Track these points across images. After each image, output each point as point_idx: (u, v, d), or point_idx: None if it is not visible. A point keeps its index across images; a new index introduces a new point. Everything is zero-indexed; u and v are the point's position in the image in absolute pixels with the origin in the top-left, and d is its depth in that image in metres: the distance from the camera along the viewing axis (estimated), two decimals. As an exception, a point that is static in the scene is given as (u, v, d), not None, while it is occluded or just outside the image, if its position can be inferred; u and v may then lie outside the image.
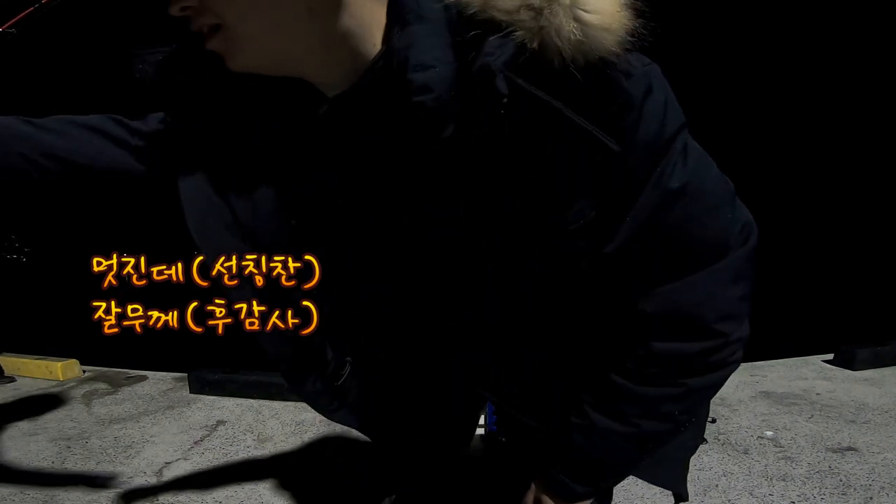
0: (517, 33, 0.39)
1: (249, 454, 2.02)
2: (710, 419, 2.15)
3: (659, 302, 0.50)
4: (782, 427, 2.09)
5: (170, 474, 1.87)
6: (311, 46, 0.45)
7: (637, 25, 0.40)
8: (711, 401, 2.09)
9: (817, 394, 2.44)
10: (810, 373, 2.75)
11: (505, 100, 0.40)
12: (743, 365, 2.57)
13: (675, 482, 0.72)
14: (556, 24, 0.38)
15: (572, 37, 0.38)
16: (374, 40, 0.45)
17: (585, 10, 0.38)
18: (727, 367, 0.55)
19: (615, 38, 0.39)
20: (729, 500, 1.60)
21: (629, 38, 0.41)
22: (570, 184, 0.47)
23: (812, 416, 2.19)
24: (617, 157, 0.45)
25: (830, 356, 2.91)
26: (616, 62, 0.42)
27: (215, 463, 1.95)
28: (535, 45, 0.39)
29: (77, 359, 3.16)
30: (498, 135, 0.44)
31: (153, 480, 1.82)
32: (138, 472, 1.89)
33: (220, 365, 2.87)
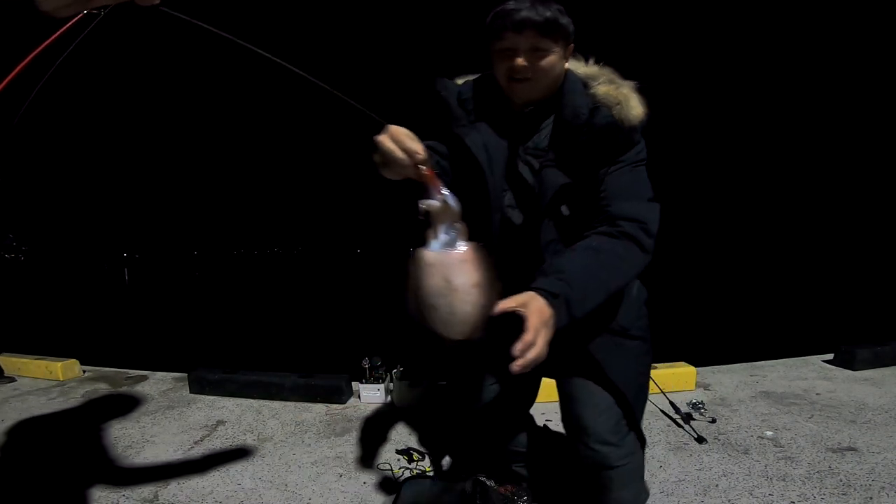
0: (611, 111, 1.03)
1: (249, 454, 2.02)
2: (710, 419, 2.16)
3: (617, 207, 1.02)
4: (782, 427, 2.09)
5: (170, 474, 1.87)
6: (550, 91, 1.08)
7: (646, 116, 1.05)
8: (711, 401, 2.17)
9: (817, 394, 2.44)
10: (810, 373, 2.75)
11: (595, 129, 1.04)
12: (743, 365, 2.60)
13: (627, 381, 1.16)
14: (623, 110, 1.03)
15: (624, 116, 1.02)
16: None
17: (631, 109, 1.03)
18: (642, 252, 1.00)
19: (637, 120, 1.03)
20: (729, 500, 1.60)
21: (643, 120, 1.04)
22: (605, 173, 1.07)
23: (812, 416, 2.19)
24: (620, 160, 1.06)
25: (830, 356, 2.92)
26: (635, 128, 1.04)
27: (215, 463, 1.95)
28: (613, 117, 1.03)
29: (77, 359, 3.17)
30: (592, 145, 1.04)
31: (153, 480, 1.82)
32: (138, 472, 1.89)
33: (220, 365, 2.87)
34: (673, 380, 2.50)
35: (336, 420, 2.35)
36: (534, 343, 0.76)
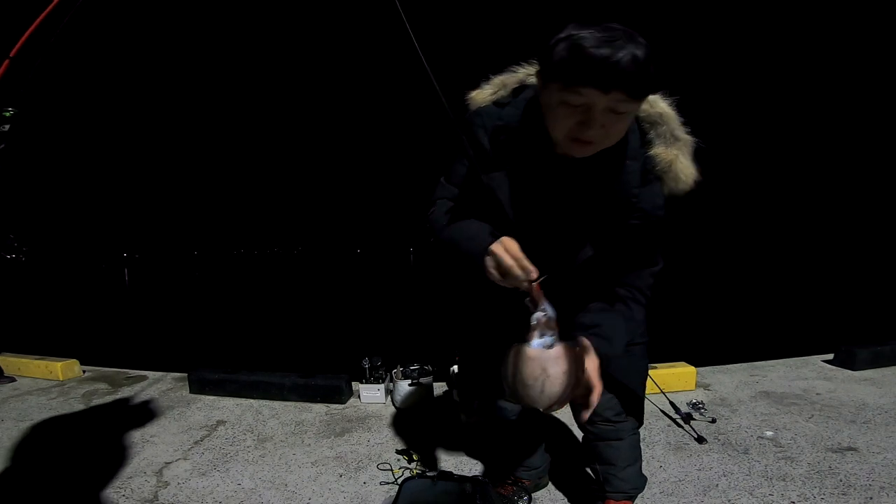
0: (663, 186, 0.98)
1: (249, 454, 2.03)
2: (710, 419, 2.16)
3: (632, 276, 1.08)
4: (782, 427, 2.09)
5: (170, 474, 1.87)
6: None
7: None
8: (711, 401, 2.19)
9: (817, 394, 2.44)
10: (810, 373, 2.75)
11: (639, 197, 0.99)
12: (743, 365, 2.62)
13: (632, 379, 1.31)
14: (675, 184, 0.98)
15: (672, 189, 0.99)
16: None
17: (682, 183, 0.98)
18: (645, 310, 1.11)
19: (683, 192, 0.99)
20: (729, 500, 1.60)
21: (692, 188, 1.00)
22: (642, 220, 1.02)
23: (812, 416, 2.19)
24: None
25: (830, 356, 2.92)
26: (676, 197, 1.00)
27: (215, 463, 1.95)
28: (663, 198, 1.00)
29: (77, 359, 3.17)
30: (633, 215, 0.99)
31: (153, 480, 1.82)
32: (138, 472, 1.89)
33: (220, 365, 2.87)
34: (673, 380, 2.50)
35: (336, 420, 2.35)
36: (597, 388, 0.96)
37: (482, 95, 1.08)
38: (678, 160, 0.96)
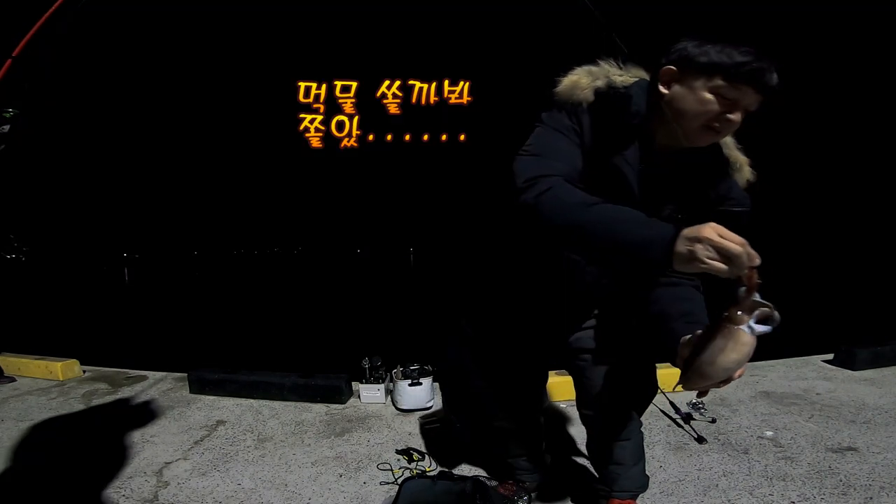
0: (735, 174, 1.14)
1: (249, 454, 2.03)
2: (710, 419, 2.16)
3: None
4: (782, 427, 2.09)
5: (170, 474, 1.87)
6: None
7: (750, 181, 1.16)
8: (711, 401, 2.21)
9: (817, 394, 2.44)
10: (810, 373, 2.75)
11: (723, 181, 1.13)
12: (743, 365, 2.56)
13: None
14: (741, 180, 1.14)
15: (743, 178, 1.14)
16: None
17: (744, 178, 1.14)
18: None
19: (744, 181, 1.14)
20: (729, 500, 1.60)
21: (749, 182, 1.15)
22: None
23: (812, 416, 2.19)
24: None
25: (830, 356, 2.92)
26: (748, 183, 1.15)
27: (215, 463, 1.95)
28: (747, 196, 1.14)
29: (77, 359, 3.17)
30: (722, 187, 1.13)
31: (153, 480, 1.82)
32: (138, 472, 1.89)
33: (220, 365, 2.88)
34: (673, 380, 2.49)
35: (336, 420, 2.35)
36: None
37: (584, 81, 1.06)
38: (745, 163, 1.14)
